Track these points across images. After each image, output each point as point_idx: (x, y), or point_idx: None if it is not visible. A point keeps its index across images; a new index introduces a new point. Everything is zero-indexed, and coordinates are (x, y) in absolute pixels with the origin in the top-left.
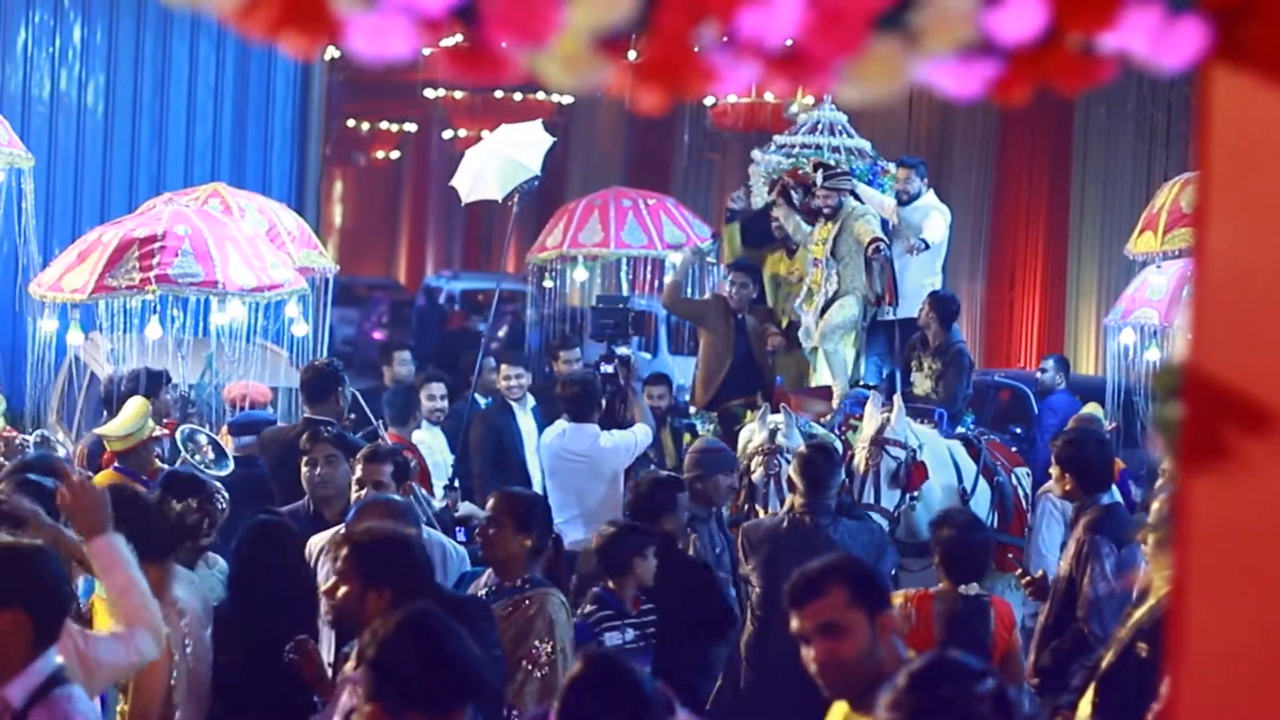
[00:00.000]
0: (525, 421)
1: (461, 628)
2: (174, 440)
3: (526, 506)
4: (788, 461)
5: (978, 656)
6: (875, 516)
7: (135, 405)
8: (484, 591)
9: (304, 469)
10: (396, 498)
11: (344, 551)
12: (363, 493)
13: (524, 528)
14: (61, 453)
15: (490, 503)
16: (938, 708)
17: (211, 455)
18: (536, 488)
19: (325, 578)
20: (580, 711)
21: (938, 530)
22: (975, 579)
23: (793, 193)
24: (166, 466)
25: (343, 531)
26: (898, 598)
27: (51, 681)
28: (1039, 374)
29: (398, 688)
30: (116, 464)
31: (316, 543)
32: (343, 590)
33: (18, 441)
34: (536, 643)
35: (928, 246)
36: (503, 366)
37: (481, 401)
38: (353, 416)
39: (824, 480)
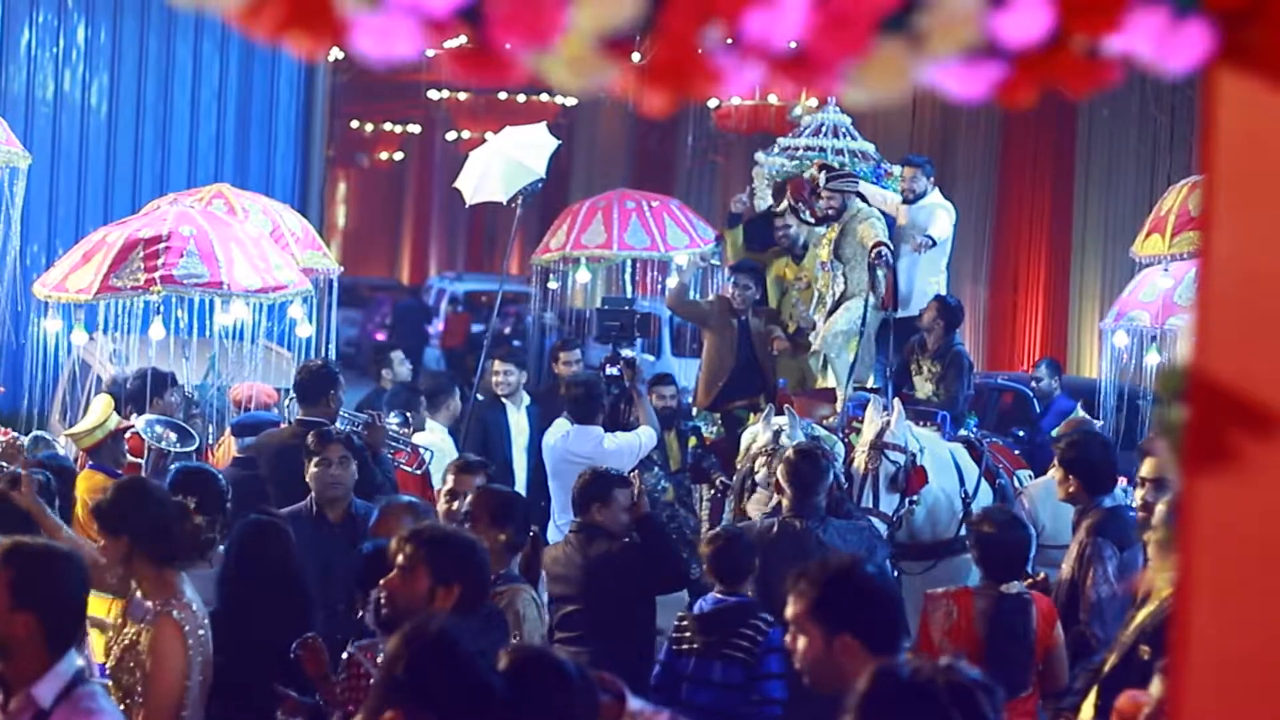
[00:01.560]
0: (517, 419)
1: (483, 639)
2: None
3: (503, 502)
4: None
5: (1020, 654)
6: (874, 520)
7: (98, 402)
8: None
9: (313, 468)
10: (417, 500)
11: (410, 548)
12: (455, 504)
13: (499, 523)
14: (60, 452)
15: (468, 498)
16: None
17: (175, 436)
18: (520, 486)
19: None
20: (508, 704)
21: (978, 527)
22: (1015, 577)
23: (800, 207)
24: (140, 461)
25: (406, 529)
26: (939, 595)
27: (74, 681)
28: (1033, 381)
29: (421, 699)
30: (91, 462)
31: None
32: (410, 584)
33: (17, 443)
34: None
35: (935, 244)
36: (495, 362)
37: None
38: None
39: (811, 485)
